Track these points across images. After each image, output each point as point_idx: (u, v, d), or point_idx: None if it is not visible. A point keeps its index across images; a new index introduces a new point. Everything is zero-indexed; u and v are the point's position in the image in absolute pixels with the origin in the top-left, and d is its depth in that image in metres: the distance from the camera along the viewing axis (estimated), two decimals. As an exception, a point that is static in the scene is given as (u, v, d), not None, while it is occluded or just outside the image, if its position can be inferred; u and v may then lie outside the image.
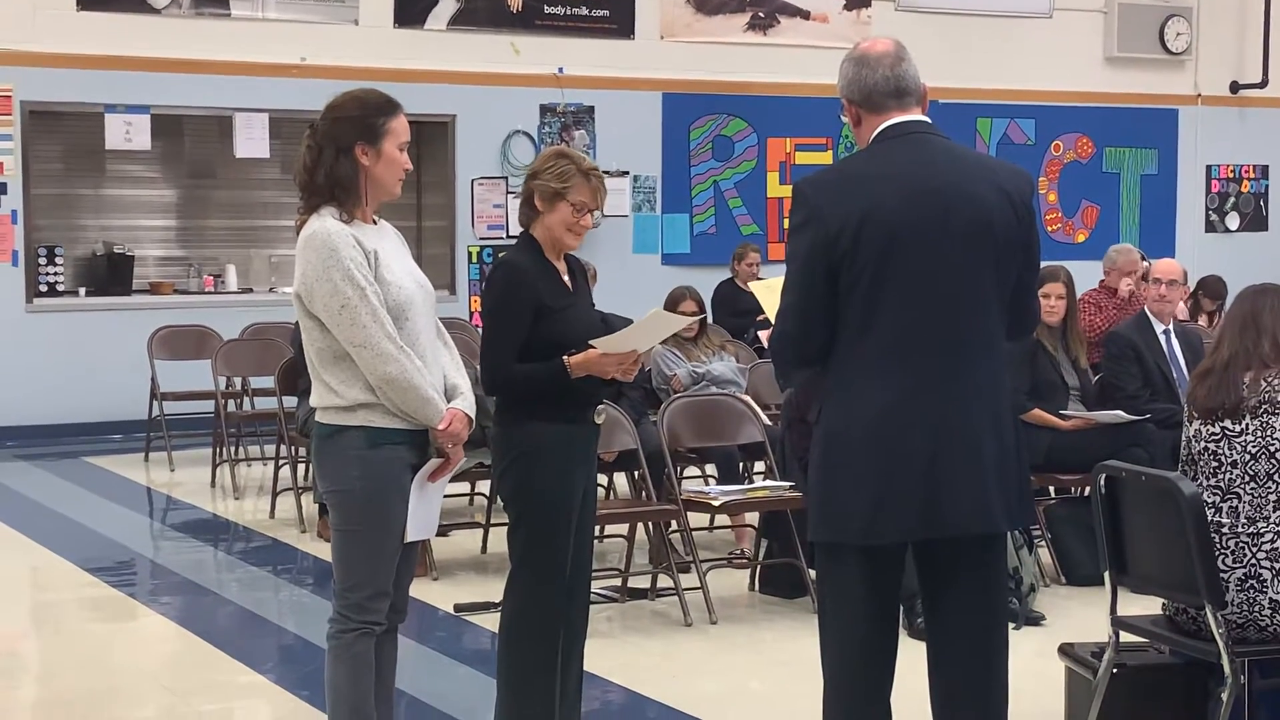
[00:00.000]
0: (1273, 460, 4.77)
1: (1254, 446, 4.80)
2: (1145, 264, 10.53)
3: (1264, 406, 4.81)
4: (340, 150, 4.48)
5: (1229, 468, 4.83)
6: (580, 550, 5.13)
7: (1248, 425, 4.82)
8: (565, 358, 4.93)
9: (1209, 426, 4.89)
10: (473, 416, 4.64)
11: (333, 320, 4.41)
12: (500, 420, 5.07)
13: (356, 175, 4.49)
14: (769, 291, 5.91)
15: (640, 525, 7.76)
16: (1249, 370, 4.87)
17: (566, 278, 5.11)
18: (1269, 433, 4.79)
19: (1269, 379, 4.84)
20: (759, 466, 8.85)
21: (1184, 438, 4.98)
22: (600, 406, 5.15)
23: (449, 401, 4.56)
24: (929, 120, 4.10)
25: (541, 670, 5.01)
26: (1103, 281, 10.70)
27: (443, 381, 4.59)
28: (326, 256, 4.39)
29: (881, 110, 4.07)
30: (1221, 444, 4.85)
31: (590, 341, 4.96)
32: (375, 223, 4.60)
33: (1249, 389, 4.84)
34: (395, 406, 4.44)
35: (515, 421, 5.01)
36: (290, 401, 9.52)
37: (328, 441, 4.50)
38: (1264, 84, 16.92)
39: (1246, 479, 4.80)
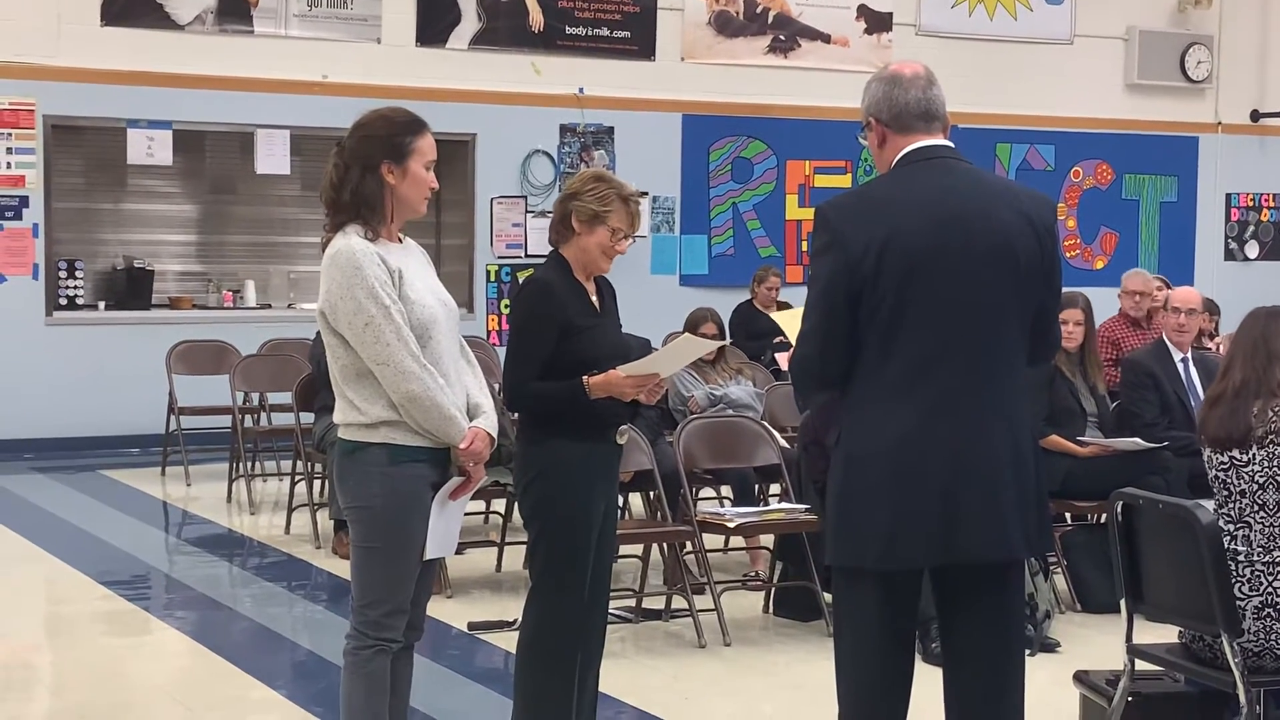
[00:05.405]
0: (1280, 490, 4.76)
1: (1261, 476, 4.79)
2: (1165, 292, 10.46)
3: (1270, 436, 4.80)
4: (367, 168, 4.49)
5: (1238, 497, 4.83)
6: (599, 569, 5.13)
7: (1254, 455, 4.80)
8: (585, 378, 4.94)
9: (1218, 455, 4.88)
10: (495, 435, 4.65)
11: (356, 337, 4.41)
12: (522, 438, 5.08)
13: (382, 193, 4.50)
14: (791, 319, 5.91)
15: (655, 546, 7.76)
16: (1258, 399, 4.85)
17: (595, 298, 5.12)
18: (1275, 463, 4.78)
19: (1276, 408, 4.82)
20: (774, 489, 8.84)
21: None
22: (623, 427, 5.14)
23: (471, 420, 4.56)
24: (952, 145, 4.10)
25: (558, 688, 5.01)
26: (1122, 309, 10.66)
27: (465, 400, 4.59)
28: (351, 274, 4.40)
29: (909, 132, 4.06)
30: (1230, 473, 4.84)
31: (618, 368, 4.97)
32: (401, 241, 4.61)
33: (1257, 418, 4.82)
34: (417, 424, 4.44)
35: (537, 439, 5.02)
36: (307, 417, 9.54)
37: (349, 458, 4.51)
38: (1285, 113, 16.93)
39: (1256, 508, 4.79)
